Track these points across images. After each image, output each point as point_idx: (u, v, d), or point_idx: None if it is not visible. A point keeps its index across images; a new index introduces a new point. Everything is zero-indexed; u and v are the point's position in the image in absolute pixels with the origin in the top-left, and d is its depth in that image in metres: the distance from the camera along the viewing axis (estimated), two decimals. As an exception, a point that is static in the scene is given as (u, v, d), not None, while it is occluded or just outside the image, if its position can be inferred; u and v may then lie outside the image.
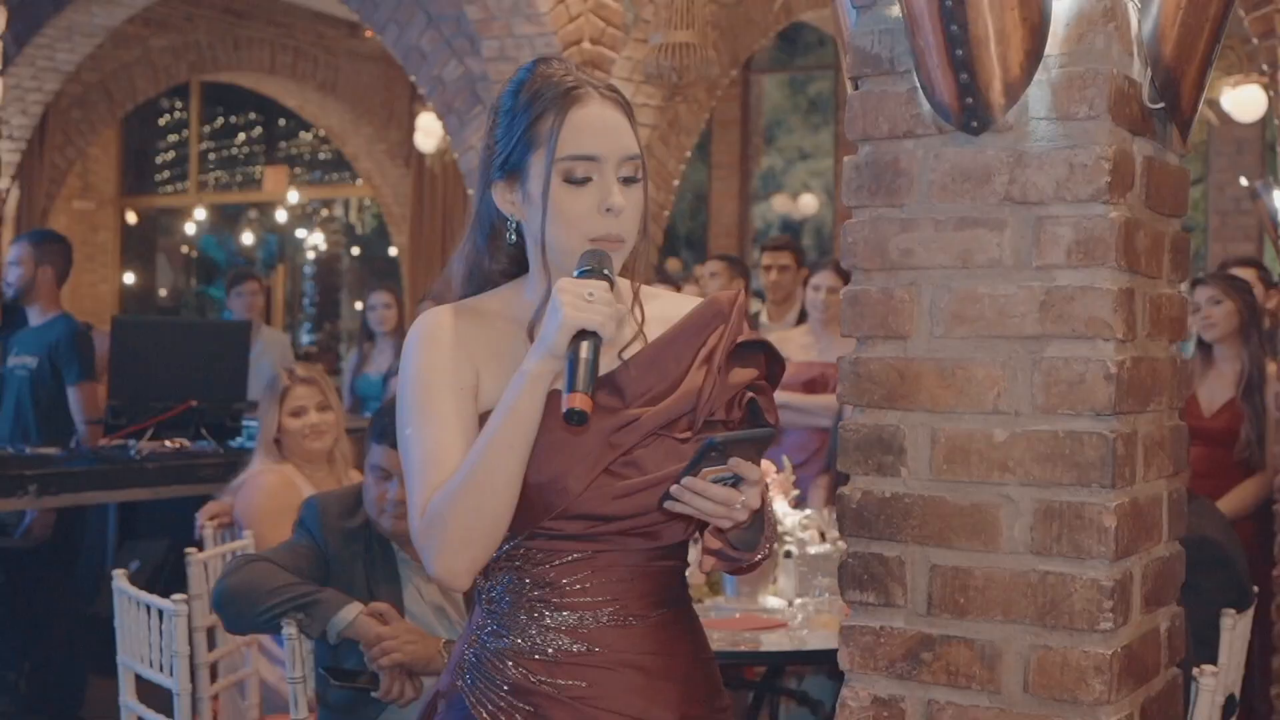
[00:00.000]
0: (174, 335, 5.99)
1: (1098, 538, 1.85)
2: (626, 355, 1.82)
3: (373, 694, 2.78)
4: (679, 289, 6.66)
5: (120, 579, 3.23)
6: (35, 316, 5.50)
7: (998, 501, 1.91)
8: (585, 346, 1.64)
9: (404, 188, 11.24)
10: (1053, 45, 1.88)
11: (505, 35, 5.71)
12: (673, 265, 10.13)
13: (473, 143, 6.02)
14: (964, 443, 1.93)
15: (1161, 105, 1.94)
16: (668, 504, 1.69)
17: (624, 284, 1.84)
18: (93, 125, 9.11)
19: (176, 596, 2.99)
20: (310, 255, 14.27)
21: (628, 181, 1.78)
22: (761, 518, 1.80)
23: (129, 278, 13.87)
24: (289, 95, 11.07)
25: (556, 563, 1.78)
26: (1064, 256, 1.87)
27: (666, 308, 1.89)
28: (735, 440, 1.66)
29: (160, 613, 3.03)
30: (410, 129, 9.87)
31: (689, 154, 6.65)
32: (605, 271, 1.72)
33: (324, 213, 14.60)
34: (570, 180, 1.75)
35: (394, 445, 2.93)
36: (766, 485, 1.80)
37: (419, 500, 1.73)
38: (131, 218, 13.60)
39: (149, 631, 3.09)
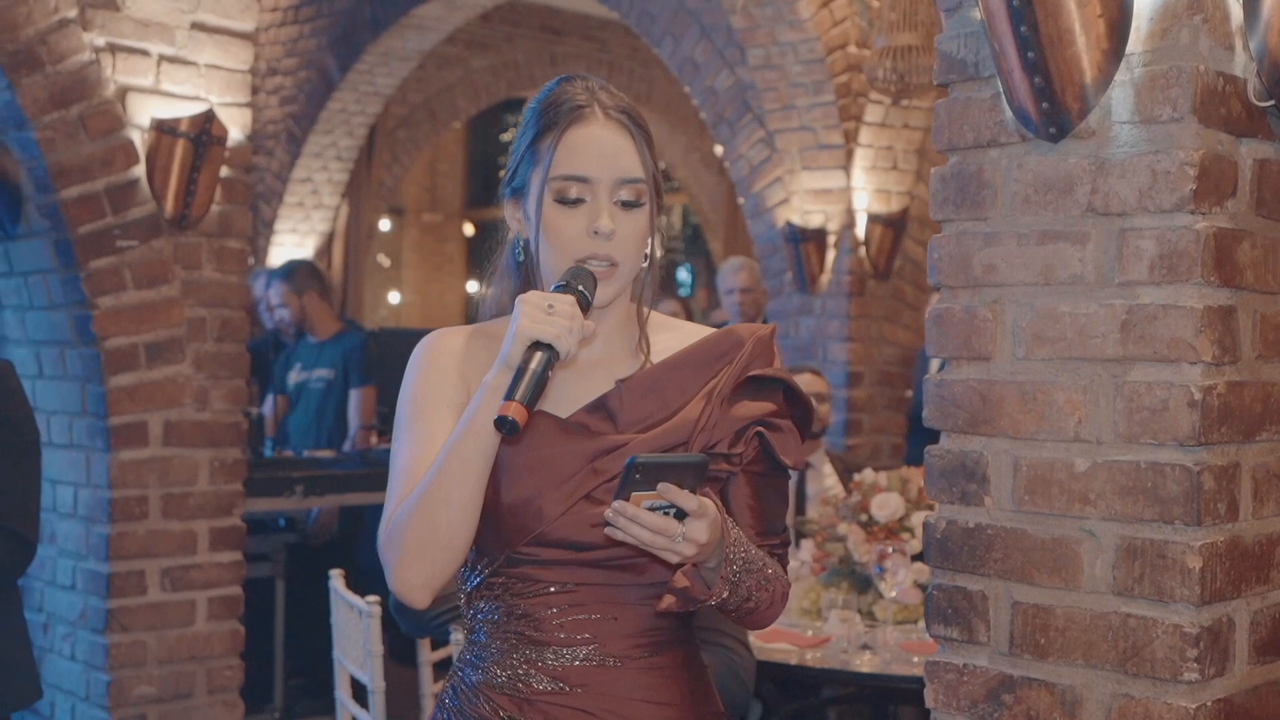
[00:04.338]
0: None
1: (1181, 579, 1.68)
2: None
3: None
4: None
5: (335, 579, 3.41)
6: (316, 336, 5.91)
7: (1079, 536, 1.77)
8: (536, 358, 1.58)
9: (719, 195, 11.36)
10: (1135, 42, 1.72)
11: (770, 43, 5.67)
12: None
13: (743, 151, 6.01)
14: (1045, 472, 1.80)
15: (1272, 103, 1.74)
16: (607, 530, 1.57)
17: (632, 310, 1.79)
18: (417, 144, 9.63)
19: (370, 598, 3.14)
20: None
21: (626, 205, 1.72)
22: (721, 554, 1.64)
23: (472, 286, 14.62)
24: (607, 108, 11.34)
25: (535, 594, 1.71)
26: (1147, 272, 1.71)
27: (681, 339, 1.81)
28: (660, 464, 1.53)
29: (360, 612, 3.19)
30: (719, 137, 9.94)
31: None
32: (581, 288, 1.66)
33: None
34: (562, 200, 1.71)
35: None
36: (726, 518, 1.66)
37: (386, 513, 1.69)
38: (469, 230, 14.32)
39: (353, 630, 3.26)
